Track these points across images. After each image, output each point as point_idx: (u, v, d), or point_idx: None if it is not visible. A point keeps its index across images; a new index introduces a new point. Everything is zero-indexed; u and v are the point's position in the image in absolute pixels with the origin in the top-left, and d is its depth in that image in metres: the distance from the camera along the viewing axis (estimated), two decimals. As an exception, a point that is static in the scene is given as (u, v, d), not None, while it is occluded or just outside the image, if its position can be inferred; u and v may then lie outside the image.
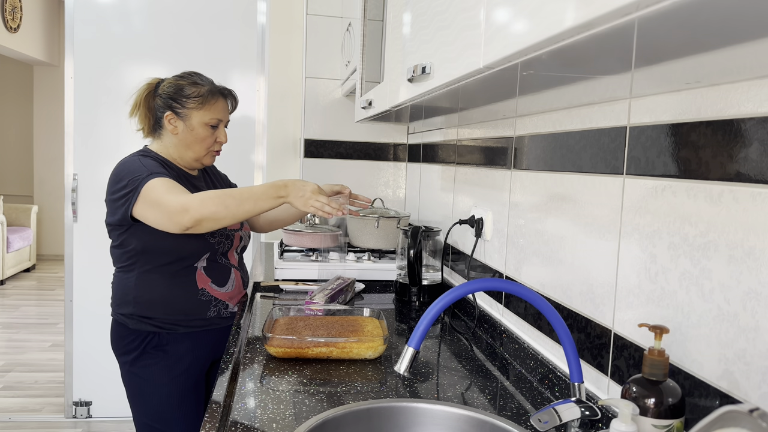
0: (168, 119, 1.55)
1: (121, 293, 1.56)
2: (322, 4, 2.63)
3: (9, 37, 5.62)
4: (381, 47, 1.82)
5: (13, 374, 3.52)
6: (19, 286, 5.76)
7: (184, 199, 1.39)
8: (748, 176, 0.73)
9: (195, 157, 1.59)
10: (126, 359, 1.56)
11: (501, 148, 1.54)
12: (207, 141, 1.58)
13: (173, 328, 1.55)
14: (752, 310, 0.72)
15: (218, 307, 1.61)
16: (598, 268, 1.06)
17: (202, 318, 1.59)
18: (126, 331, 1.56)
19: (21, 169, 7.05)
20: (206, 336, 1.61)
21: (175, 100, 1.54)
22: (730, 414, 0.53)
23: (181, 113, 1.55)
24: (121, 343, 1.57)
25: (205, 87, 1.56)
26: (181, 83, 1.55)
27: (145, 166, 1.48)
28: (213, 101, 1.56)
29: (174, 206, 1.38)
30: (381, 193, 2.74)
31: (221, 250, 1.61)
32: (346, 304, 1.82)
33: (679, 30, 0.51)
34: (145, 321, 1.54)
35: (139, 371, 1.55)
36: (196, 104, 1.54)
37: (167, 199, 1.40)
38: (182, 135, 1.56)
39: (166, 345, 1.55)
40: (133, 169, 1.48)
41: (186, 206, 1.38)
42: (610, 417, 0.94)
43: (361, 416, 1.04)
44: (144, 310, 1.54)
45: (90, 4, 2.72)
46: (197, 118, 1.55)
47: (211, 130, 1.57)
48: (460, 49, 0.87)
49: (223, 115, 1.59)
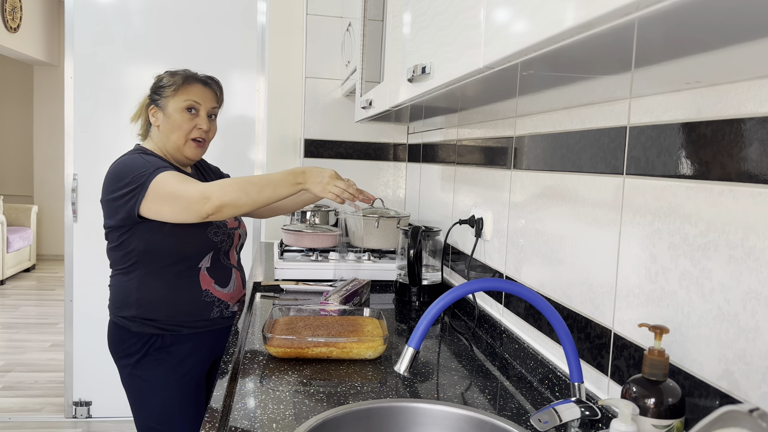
0: (151, 113, 1.58)
1: (122, 296, 1.55)
2: (322, 4, 2.63)
3: (9, 37, 5.62)
4: (381, 47, 1.82)
5: (13, 374, 3.52)
6: (19, 286, 5.76)
7: (202, 187, 1.39)
8: (748, 176, 0.73)
9: (176, 146, 1.57)
10: (127, 362, 1.55)
11: (501, 148, 1.54)
12: (184, 127, 1.55)
13: (177, 329, 1.55)
14: (752, 310, 0.72)
15: (220, 307, 1.62)
16: (598, 268, 1.06)
17: (206, 319, 1.59)
18: (127, 334, 1.54)
19: (21, 169, 7.05)
20: (208, 336, 1.61)
21: (155, 92, 1.58)
22: (730, 414, 0.53)
23: (160, 104, 1.57)
24: (122, 347, 1.56)
25: (180, 75, 1.57)
26: (161, 76, 1.59)
27: (149, 161, 1.47)
28: (187, 86, 1.56)
29: (193, 195, 1.38)
30: (381, 193, 2.74)
31: (223, 249, 1.61)
32: (362, 305, 1.82)
33: (679, 30, 0.51)
34: (148, 323, 1.53)
35: (141, 374, 1.54)
36: (171, 92, 1.55)
37: (184, 189, 1.39)
38: (162, 125, 1.56)
39: (169, 347, 1.54)
40: (136, 165, 1.46)
41: (206, 194, 1.38)
42: (610, 417, 0.94)
43: (361, 416, 1.04)
44: (147, 313, 1.53)
45: (90, 4, 2.72)
46: (172, 105, 1.55)
47: (189, 115, 1.56)
48: (460, 49, 0.87)
49: (202, 99, 1.57)
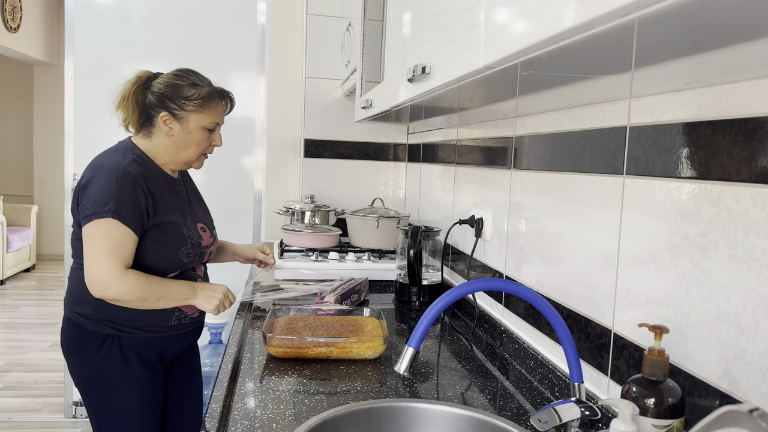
0: (163, 120, 1.49)
1: (81, 292, 1.46)
2: (322, 4, 2.63)
3: (9, 37, 5.62)
4: (381, 47, 1.82)
5: (13, 374, 3.52)
6: (19, 286, 5.76)
7: (111, 274, 1.36)
8: (749, 176, 0.73)
9: (186, 160, 1.54)
10: (82, 362, 1.49)
11: (501, 148, 1.54)
12: (203, 144, 1.54)
13: (133, 332, 1.48)
14: (752, 310, 0.72)
15: (179, 316, 1.54)
16: (598, 268, 1.06)
17: (164, 325, 1.52)
18: (82, 333, 1.49)
19: (21, 169, 7.05)
20: (167, 340, 1.55)
21: (173, 101, 1.48)
22: (730, 414, 0.53)
23: (178, 115, 1.49)
24: (76, 345, 1.50)
25: (205, 89, 1.51)
26: (180, 83, 1.49)
27: (117, 195, 1.39)
28: (213, 104, 1.52)
29: (100, 275, 1.36)
30: (381, 193, 2.74)
31: (192, 266, 1.57)
32: (360, 304, 1.82)
33: (679, 30, 0.51)
34: (104, 323, 1.47)
35: (97, 374, 1.48)
36: (195, 107, 1.49)
37: (101, 261, 1.36)
38: (177, 137, 1.50)
39: (126, 348, 1.48)
40: (104, 189, 1.39)
41: (109, 283, 1.36)
42: (610, 417, 0.94)
43: (361, 416, 1.04)
44: (104, 313, 1.46)
45: (90, 4, 2.72)
46: (195, 122, 1.50)
47: (208, 134, 1.53)
48: (460, 49, 0.87)
49: (221, 119, 1.55)
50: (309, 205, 2.47)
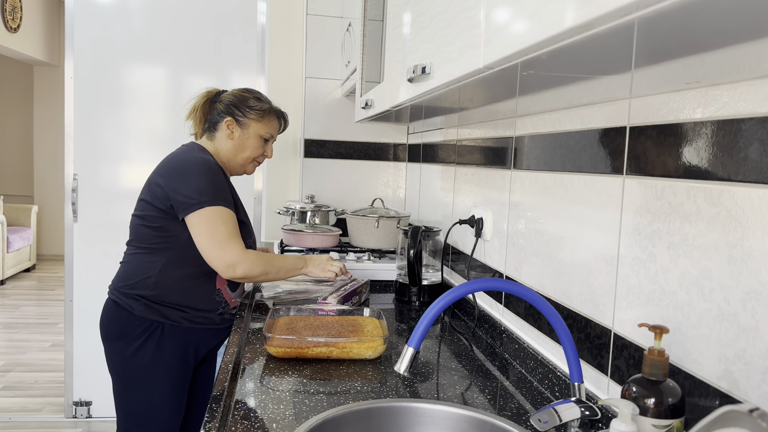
0: (227, 124, 1.68)
1: (141, 274, 1.57)
2: (322, 4, 2.63)
3: (9, 37, 5.62)
4: (381, 47, 1.82)
5: (13, 374, 3.52)
6: (19, 286, 5.76)
7: (238, 255, 1.51)
8: (748, 176, 0.73)
9: (242, 163, 1.72)
10: (120, 345, 1.56)
11: (501, 148, 1.54)
12: (257, 151, 1.72)
13: (179, 321, 1.57)
14: (752, 310, 0.72)
15: (225, 308, 1.66)
16: (598, 268, 1.06)
17: (209, 317, 1.62)
18: (128, 317, 1.56)
19: (21, 169, 7.05)
20: (205, 334, 1.64)
21: (238, 108, 1.68)
22: (730, 414, 0.53)
23: (241, 121, 1.68)
24: (119, 329, 1.57)
25: (267, 105, 1.72)
26: (246, 96, 1.70)
27: (216, 184, 1.54)
28: (271, 118, 1.72)
29: (228, 258, 1.50)
30: (381, 193, 2.74)
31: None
32: (361, 305, 1.83)
33: (679, 30, 0.51)
34: (155, 307, 1.55)
35: (136, 361, 1.55)
36: (257, 116, 1.69)
37: (227, 246, 1.51)
38: (237, 140, 1.69)
39: (167, 337, 1.57)
40: (207, 179, 1.53)
41: (236, 263, 1.51)
42: (610, 417, 0.94)
43: (361, 416, 1.04)
44: (160, 296, 1.56)
45: (90, 4, 2.72)
46: (255, 129, 1.69)
47: (263, 143, 1.72)
48: (460, 49, 0.87)
49: (276, 133, 1.76)
50: (309, 205, 2.47)
